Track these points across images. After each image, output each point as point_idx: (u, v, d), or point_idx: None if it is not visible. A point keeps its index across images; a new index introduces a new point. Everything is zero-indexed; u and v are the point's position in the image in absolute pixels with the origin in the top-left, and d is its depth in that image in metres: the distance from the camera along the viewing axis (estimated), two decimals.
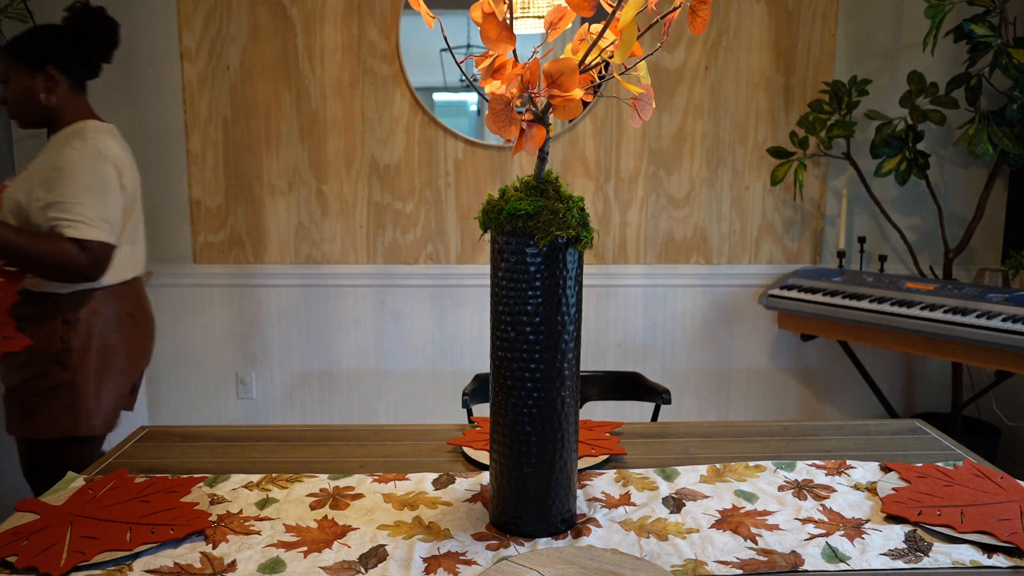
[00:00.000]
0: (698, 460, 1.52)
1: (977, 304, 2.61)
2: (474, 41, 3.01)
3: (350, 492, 1.38)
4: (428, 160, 3.11)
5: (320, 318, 3.20)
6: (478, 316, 3.19)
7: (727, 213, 3.19)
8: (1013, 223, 3.14)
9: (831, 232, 3.22)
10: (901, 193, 3.17)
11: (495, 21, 1.09)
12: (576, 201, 1.21)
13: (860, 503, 1.35)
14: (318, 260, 3.16)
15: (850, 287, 2.88)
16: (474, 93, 3.20)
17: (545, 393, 1.23)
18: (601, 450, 1.54)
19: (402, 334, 3.21)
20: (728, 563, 1.16)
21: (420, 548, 1.20)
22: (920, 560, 1.17)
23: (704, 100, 3.12)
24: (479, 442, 1.58)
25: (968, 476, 1.42)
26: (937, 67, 3.02)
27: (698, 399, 3.29)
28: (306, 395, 3.24)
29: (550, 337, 1.21)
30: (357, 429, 1.70)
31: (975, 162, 3.12)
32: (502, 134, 1.13)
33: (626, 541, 1.22)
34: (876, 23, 3.12)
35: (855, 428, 1.73)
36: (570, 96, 1.10)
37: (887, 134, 2.86)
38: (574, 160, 3.13)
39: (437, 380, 3.24)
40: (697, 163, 3.15)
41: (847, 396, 3.32)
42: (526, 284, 1.19)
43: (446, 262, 3.18)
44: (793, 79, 3.12)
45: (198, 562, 1.15)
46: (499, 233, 1.21)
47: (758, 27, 3.08)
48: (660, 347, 3.26)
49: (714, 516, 1.30)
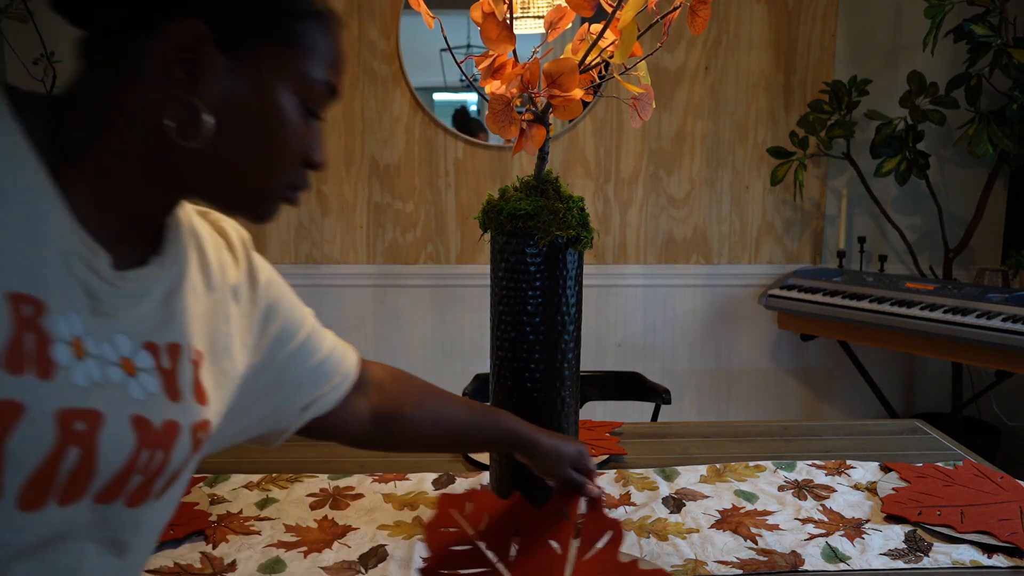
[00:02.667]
0: (698, 460, 1.52)
1: (977, 304, 2.61)
2: (474, 41, 3.01)
3: (350, 492, 1.38)
4: (428, 160, 3.11)
5: (320, 318, 3.19)
6: (478, 316, 3.18)
7: (727, 213, 3.19)
8: (1013, 223, 3.14)
9: (831, 232, 3.22)
10: (901, 193, 3.17)
11: (495, 21, 1.09)
12: (576, 201, 1.21)
13: (860, 503, 1.35)
14: (318, 260, 3.16)
15: (850, 287, 2.88)
16: (474, 93, 3.20)
17: (545, 393, 1.23)
18: (601, 450, 1.54)
19: (402, 334, 3.21)
20: (728, 563, 1.16)
21: (420, 548, 1.19)
22: (920, 560, 1.17)
23: (704, 100, 3.12)
24: None
25: (968, 476, 1.42)
26: (937, 67, 3.02)
27: (698, 399, 3.29)
28: None
29: (550, 337, 1.21)
30: None
31: (975, 162, 3.11)
32: (502, 134, 1.13)
33: (626, 541, 1.22)
34: (876, 23, 3.12)
35: (855, 428, 1.73)
36: (570, 96, 1.10)
37: (887, 134, 2.86)
38: (574, 160, 3.13)
39: (437, 380, 3.20)
40: (697, 163, 3.15)
41: (847, 396, 3.32)
42: (526, 284, 1.19)
43: (446, 262, 3.18)
44: (793, 79, 3.12)
45: (198, 562, 1.15)
46: (499, 233, 1.21)
47: (758, 27, 3.08)
48: (660, 347, 3.26)
49: (714, 516, 1.30)
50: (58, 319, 0.58)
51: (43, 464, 0.56)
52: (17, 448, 0.54)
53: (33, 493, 0.56)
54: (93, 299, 0.62)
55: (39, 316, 0.57)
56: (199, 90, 0.62)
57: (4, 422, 0.54)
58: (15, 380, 0.54)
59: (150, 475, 0.65)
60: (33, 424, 0.55)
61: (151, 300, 0.67)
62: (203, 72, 0.62)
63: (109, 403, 0.61)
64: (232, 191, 0.68)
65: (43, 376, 0.56)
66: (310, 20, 0.66)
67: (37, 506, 0.57)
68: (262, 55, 0.64)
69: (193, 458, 0.71)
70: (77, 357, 0.59)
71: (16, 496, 0.56)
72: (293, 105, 0.66)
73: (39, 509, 0.57)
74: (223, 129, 0.63)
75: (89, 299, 0.61)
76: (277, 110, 0.65)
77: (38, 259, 0.58)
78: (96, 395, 0.60)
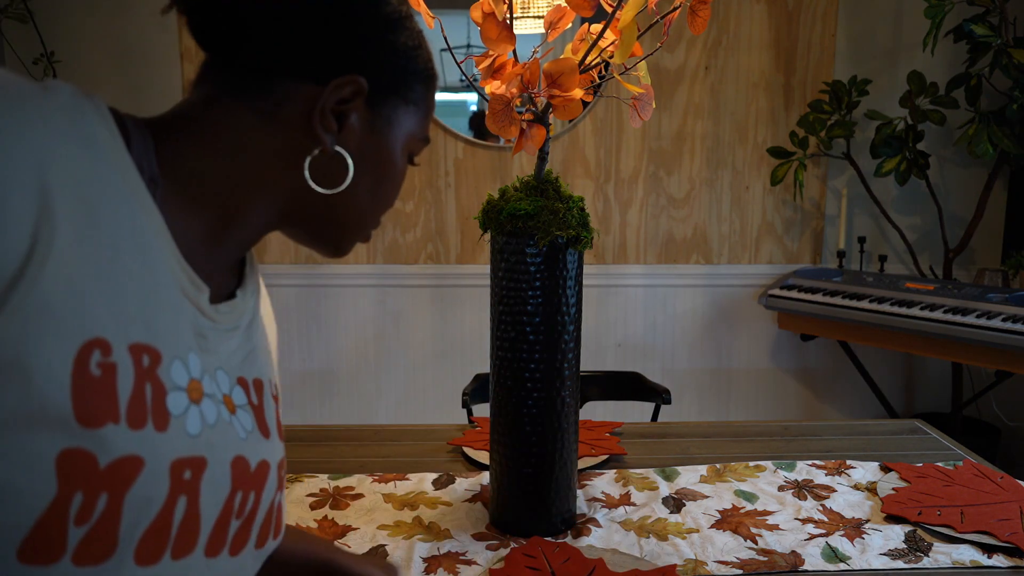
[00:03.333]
0: (698, 460, 1.52)
1: (977, 304, 2.61)
2: (474, 41, 3.01)
3: (350, 492, 1.38)
4: (428, 160, 3.11)
5: (320, 318, 3.20)
6: (478, 316, 3.19)
7: (727, 213, 3.19)
8: (1013, 223, 3.14)
9: (831, 232, 3.22)
10: (901, 193, 3.17)
11: (495, 21, 1.09)
12: (576, 201, 1.21)
13: (860, 503, 1.35)
14: (318, 260, 3.15)
15: (850, 287, 2.88)
16: (474, 93, 3.20)
17: (545, 393, 1.23)
18: (601, 450, 1.54)
19: (402, 334, 3.21)
20: (728, 563, 1.16)
21: (420, 548, 1.20)
22: (920, 560, 1.17)
23: (704, 100, 3.12)
24: (479, 442, 1.58)
25: (968, 476, 1.42)
26: (937, 67, 3.02)
27: (698, 399, 3.29)
28: (306, 395, 3.24)
29: (550, 337, 1.21)
30: (357, 429, 1.70)
31: (975, 162, 3.11)
32: (502, 134, 1.13)
33: (626, 541, 1.22)
34: (876, 23, 3.12)
35: (855, 428, 1.73)
36: (570, 96, 1.10)
37: (887, 134, 2.86)
38: (574, 160, 3.13)
39: (437, 380, 3.24)
40: (697, 163, 3.15)
41: (847, 396, 3.32)
42: (526, 284, 1.19)
43: (446, 262, 3.18)
44: (793, 79, 3.12)
45: None
46: (499, 233, 1.21)
47: (758, 27, 3.08)
48: (660, 347, 3.26)
49: (714, 516, 1.30)
50: (174, 364, 0.58)
51: (158, 517, 0.56)
52: (135, 502, 0.54)
53: (149, 546, 0.56)
54: (201, 337, 0.61)
55: (156, 366, 0.56)
56: (341, 139, 0.65)
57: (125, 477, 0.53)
58: (136, 435, 0.54)
59: (246, 518, 0.64)
60: (150, 478, 0.55)
61: (239, 334, 0.67)
62: (351, 124, 0.65)
63: (215, 446, 0.61)
64: (332, 229, 0.71)
65: (160, 428, 0.55)
66: (429, 82, 0.71)
67: (153, 560, 0.56)
68: (396, 112, 0.68)
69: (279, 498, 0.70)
70: (193, 401, 0.59)
71: (133, 550, 0.55)
72: (403, 157, 0.71)
73: (155, 563, 0.57)
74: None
75: (199, 337, 0.61)
76: (395, 163, 0.70)
77: (152, 302, 0.57)
78: (205, 440, 0.59)
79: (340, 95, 0.63)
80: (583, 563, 1.12)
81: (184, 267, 0.60)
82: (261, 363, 0.71)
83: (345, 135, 0.65)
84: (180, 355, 0.58)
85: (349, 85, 0.63)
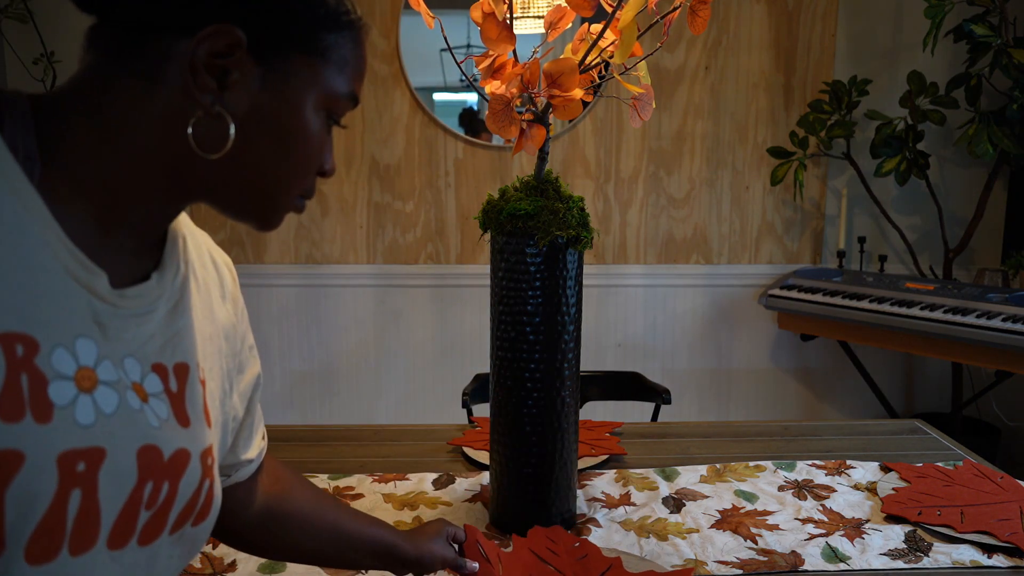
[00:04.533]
0: (698, 460, 1.52)
1: (977, 304, 2.61)
2: (474, 41, 3.01)
3: (350, 492, 1.38)
4: (428, 160, 3.11)
5: (320, 318, 3.20)
6: (478, 316, 3.19)
7: (727, 213, 3.19)
8: (1013, 223, 3.14)
9: (831, 232, 3.22)
10: (901, 193, 3.17)
11: (495, 21, 1.09)
12: (576, 201, 1.21)
13: (860, 503, 1.35)
14: (318, 260, 3.16)
15: (850, 287, 2.88)
16: (474, 93, 3.20)
17: (545, 393, 1.23)
18: (601, 450, 1.54)
19: (402, 334, 3.21)
20: (728, 563, 1.16)
21: None
22: (920, 560, 1.17)
23: (704, 100, 3.12)
24: (479, 442, 1.58)
25: (968, 476, 1.42)
26: (937, 67, 3.02)
27: (698, 399, 3.29)
28: (306, 395, 3.24)
29: (550, 337, 1.21)
30: (357, 429, 1.70)
31: (975, 162, 3.11)
32: (502, 134, 1.13)
33: (626, 541, 1.22)
34: (876, 23, 3.12)
35: (855, 428, 1.73)
36: (570, 96, 1.10)
37: (887, 134, 2.86)
38: (574, 160, 3.13)
39: (437, 380, 3.24)
40: (697, 163, 3.15)
41: (847, 396, 3.32)
42: (526, 284, 1.19)
43: (446, 262, 3.18)
44: (793, 79, 3.12)
45: (198, 562, 1.15)
46: (499, 233, 1.21)
47: (758, 27, 3.08)
48: (660, 347, 3.26)
49: (714, 516, 1.30)
50: (56, 352, 0.54)
51: (48, 513, 0.53)
52: (18, 498, 0.51)
53: (42, 543, 0.53)
54: (98, 323, 0.58)
55: (33, 354, 0.53)
56: (226, 98, 0.60)
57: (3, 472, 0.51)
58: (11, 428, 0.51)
59: (158, 509, 0.61)
60: (33, 472, 0.52)
61: (156, 318, 0.64)
62: (234, 80, 0.60)
63: (116, 436, 0.57)
64: (246, 199, 0.65)
65: (42, 420, 0.53)
66: (344, 32, 0.64)
67: (48, 557, 0.54)
68: (293, 65, 0.62)
69: (205, 486, 0.66)
70: (83, 390, 0.56)
71: (23, 548, 0.52)
72: (317, 116, 0.64)
73: (50, 561, 0.54)
74: (246, 138, 0.61)
75: (96, 324, 0.58)
76: (302, 122, 0.63)
77: (31, 290, 0.53)
78: (101, 430, 0.56)
79: (212, 48, 0.58)
80: (600, 560, 1.11)
81: (72, 250, 0.56)
82: (186, 348, 0.66)
83: (231, 94, 0.60)
84: (64, 342, 0.55)
85: (220, 36, 0.57)
